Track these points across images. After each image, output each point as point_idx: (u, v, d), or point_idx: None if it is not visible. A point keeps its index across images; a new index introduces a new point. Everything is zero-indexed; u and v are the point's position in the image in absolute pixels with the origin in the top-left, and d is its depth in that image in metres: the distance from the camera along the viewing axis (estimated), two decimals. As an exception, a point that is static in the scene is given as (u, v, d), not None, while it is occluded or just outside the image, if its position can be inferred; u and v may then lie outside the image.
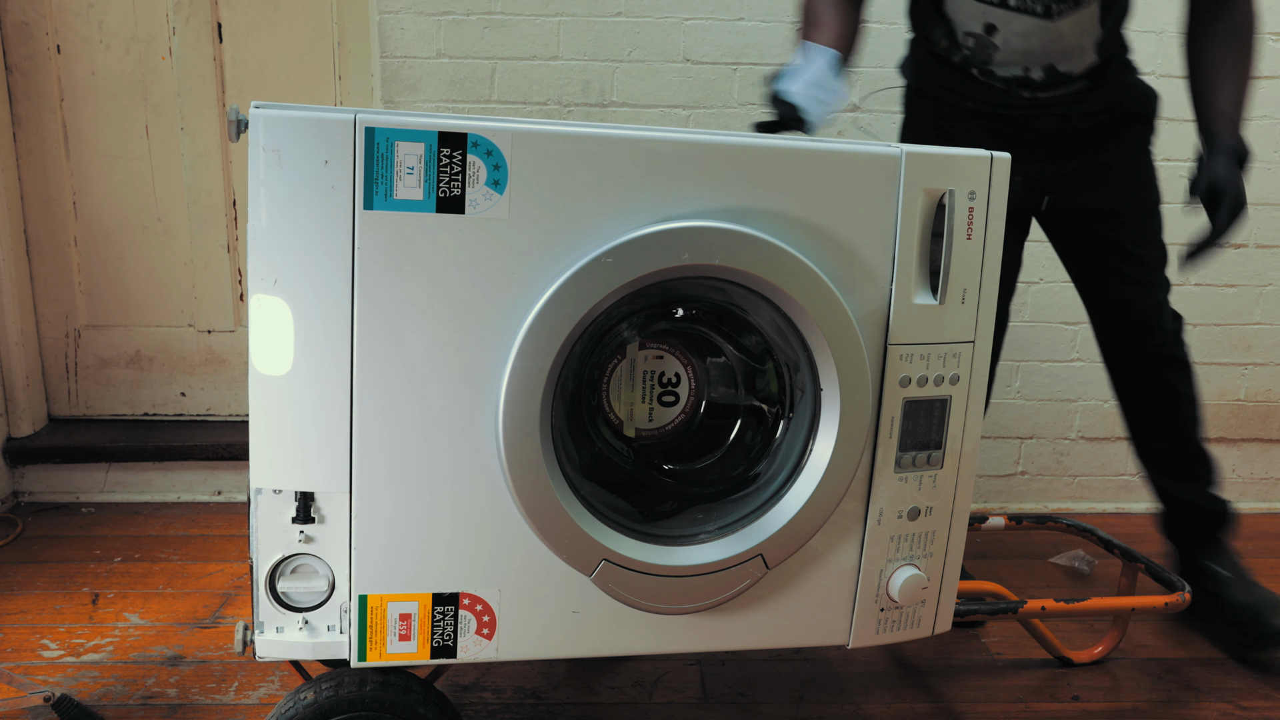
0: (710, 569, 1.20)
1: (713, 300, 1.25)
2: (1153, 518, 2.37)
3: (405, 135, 1.06)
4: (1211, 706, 1.62)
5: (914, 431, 1.24)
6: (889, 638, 1.30)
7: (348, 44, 2.29)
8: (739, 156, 1.13)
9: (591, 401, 1.28)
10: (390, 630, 1.17)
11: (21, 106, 2.29)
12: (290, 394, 1.10)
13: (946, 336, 1.22)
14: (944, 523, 1.29)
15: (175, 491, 2.35)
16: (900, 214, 1.17)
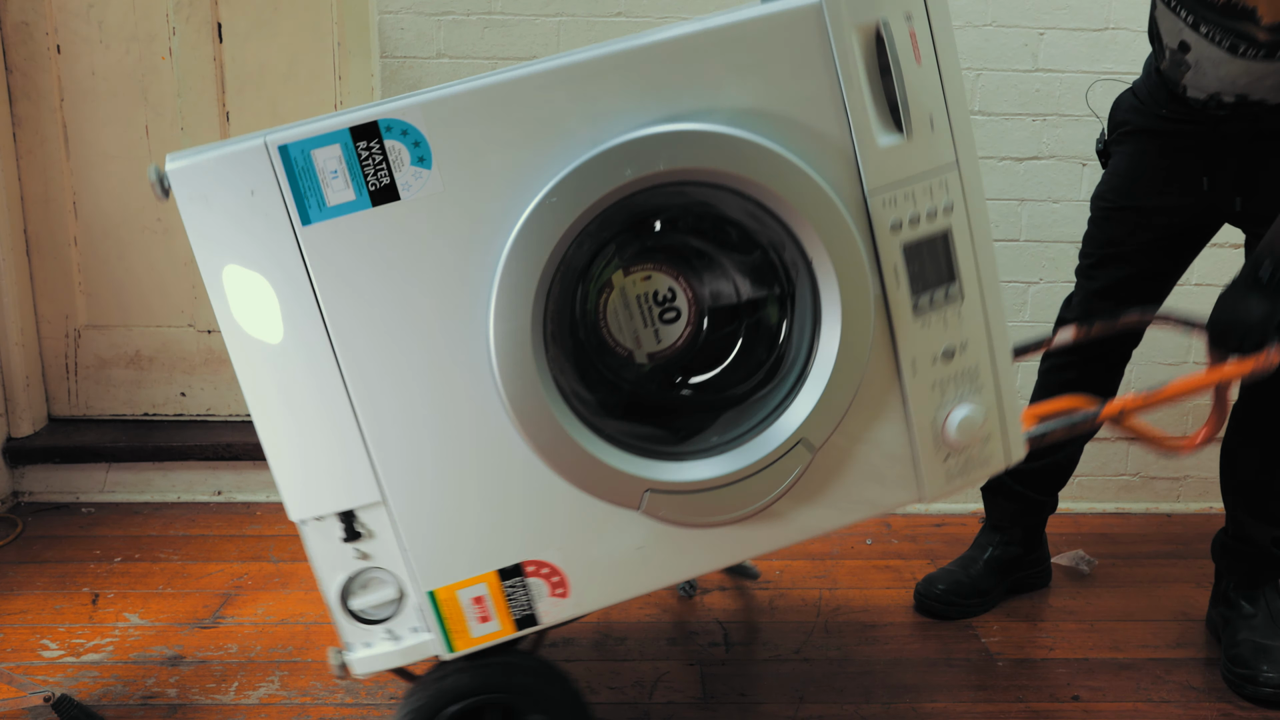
0: (756, 468, 1.18)
1: (680, 205, 1.23)
2: (1158, 518, 2.37)
3: (318, 141, 1.05)
4: (1211, 706, 1.62)
5: (922, 273, 1.19)
6: (963, 482, 1.26)
7: (348, 44, 2.29)
8: (655, 57, 1.10)
9: (593, 342, 1.26)
10: (468, 616, 1.19)
11: (21, 106, 2.29)
12: (294, 424, 1.12)
13: (925, 167, 1.17)
14: (983, 353, 1.23)
15: (175, 491, 2.35)
16: (837, 60, 1.12)
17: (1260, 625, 1.70)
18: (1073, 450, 1.89)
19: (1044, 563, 1.99)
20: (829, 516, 1.24)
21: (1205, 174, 1.65)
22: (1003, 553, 1.92)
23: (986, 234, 1.21)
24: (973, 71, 2.19)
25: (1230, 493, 1.76)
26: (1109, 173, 1.76)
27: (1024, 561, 1.94)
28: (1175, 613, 1.89)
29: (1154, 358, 2.33)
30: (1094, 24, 2.18)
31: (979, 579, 1.89)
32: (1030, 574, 1.96)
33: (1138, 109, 1.70)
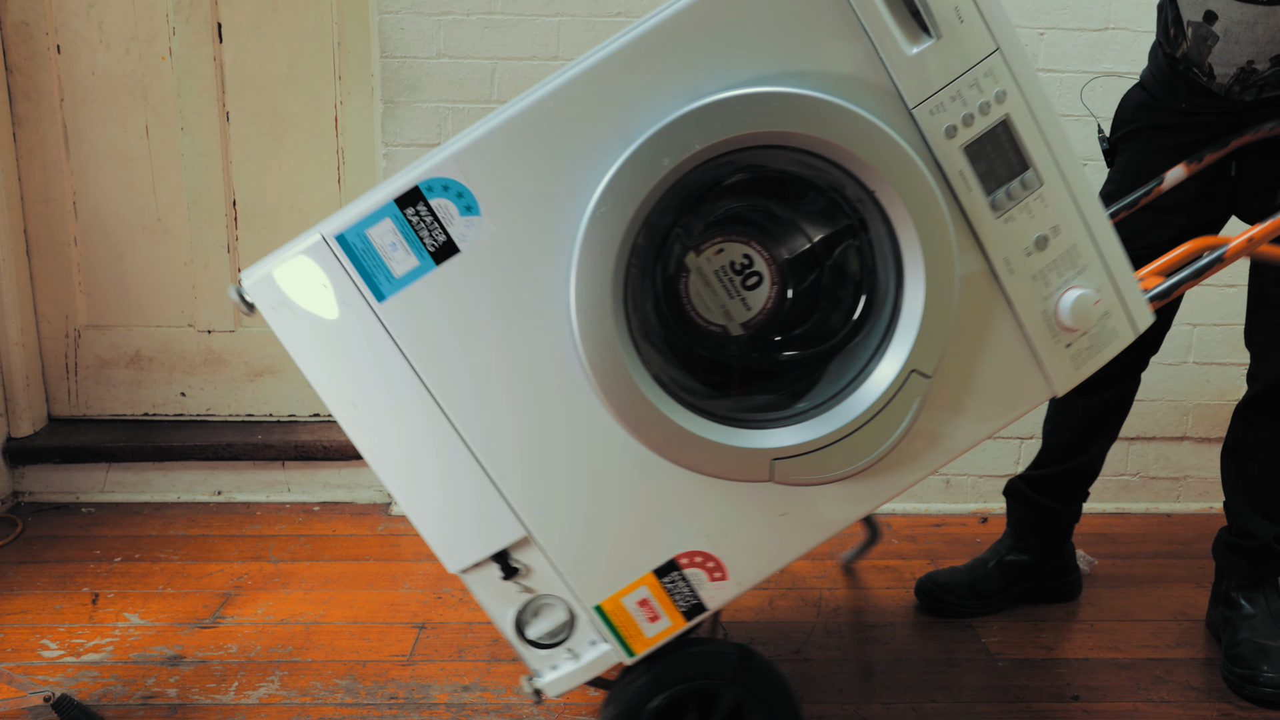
0: (875, 410, 1.16)
1: (729, 174, 1.22)
2: (1158, 518, 2.37)
3: (369, 221, 1.10)
4: (1212, 706, 1.62)
5: (992, 170, 1.15)
6: (1095, 362, 1.22)
7: (348, 44, 2.29)
8: (656, 46, 1.08)
9: (684, 328, 1.26)
10: (638, 619, 1.22)
11: (21, 106, 2.29)
12: (427, 486, 1.17)
13: (964, 63, 1.12)
14: (1078, 230, 1.18)
15: (175, 491, 2.35)
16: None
17: (1260, 625, 1.70)
18: (1092, 456, 1.84)
19: (1069, 574, 1.93)
20: (965, 433, 1.21)
21: (1233, 158, 1.60)
22: (1014, 559, 1.89)
23: (1049, 112, 1.15)
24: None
25: (1234, 490, 1.76)
26: (1117, 172, 1.71)
27: (1037, 570, 1.89)
28: (1175, 613, 1.89)
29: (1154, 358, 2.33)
30: (1094, 24, 2.18)
31: (982, 581, 1.88)
32: (1049, 585, 1.91)
33: (1148, 105, 1.66)
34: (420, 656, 1.72)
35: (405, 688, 1.62)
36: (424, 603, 1.89)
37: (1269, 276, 1.64)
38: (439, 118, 2.18)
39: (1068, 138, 1.16)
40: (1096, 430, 1.83)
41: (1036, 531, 1.88)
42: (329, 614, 1.85)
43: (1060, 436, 1.85)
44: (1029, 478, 1.89)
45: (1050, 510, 1.87)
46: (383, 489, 2.37)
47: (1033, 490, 1.87)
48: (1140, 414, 2.36)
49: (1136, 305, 1.22)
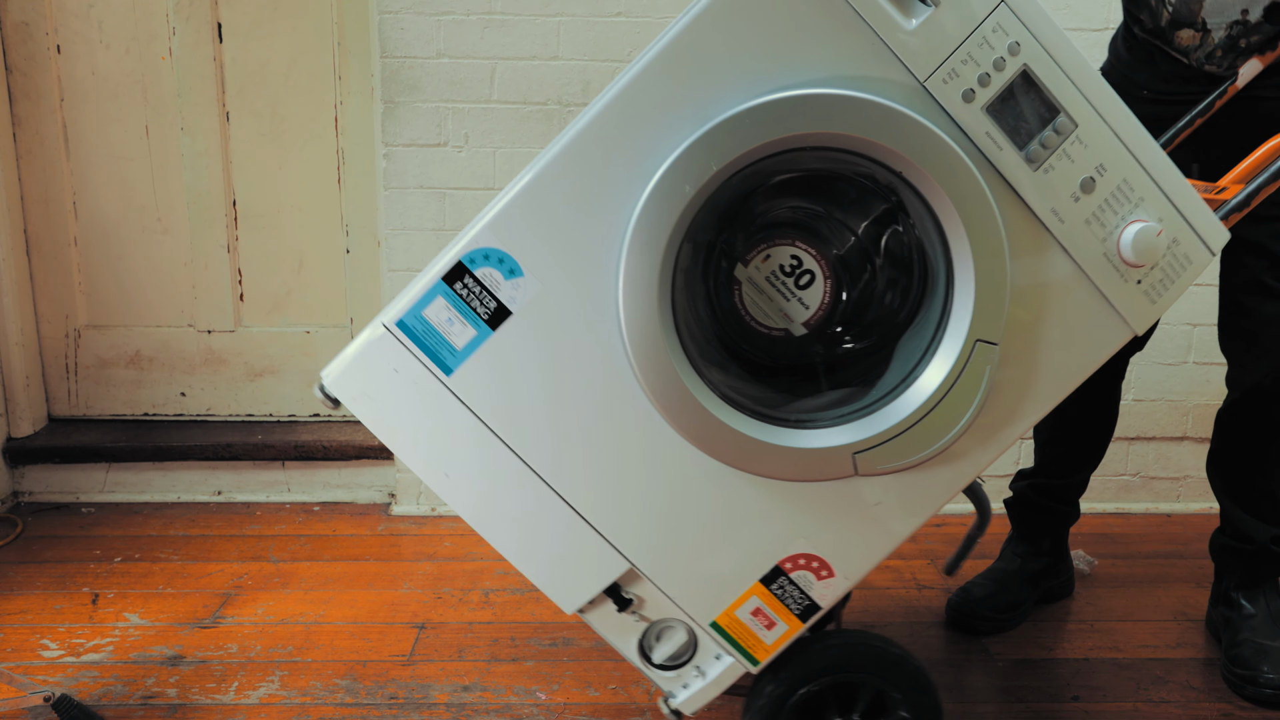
0: (947, 387, 1.15)
1: (757, 183, 1.23)
2: (1158, 518, 2.37)
3: (423, 303, 1.16)
4: (1211, 706, 1.61)
5: (1019, 125, 1.12)
6: (1171, 296, 1.18)
7: (348, 44, 2.29)
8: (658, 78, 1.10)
9: (746, 339, 1.28)
10: (756, 629, 1.25)
11: (21, 106, 2.29)
12: (529, 538, 1.22)
13: (970, 24, 1.10)
14: (1127, 163, 1.14)
15: (175, 491, 2.35)
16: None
17: (1260, 625, 1.70)
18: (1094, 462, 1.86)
19: (1069, 572, 1.96)
20: (1047, 391, 1.19)
21: (1194, 160, 1.59)
22: (1035, 565, 1.88)
23: (1071, 51, 1.12)
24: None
25: (1224, 495, 1.76)
26: None
27: (1054, 571, 1.91)
28: (1175, 613, 1.89)
29: (1154, 358, 2.33)
30: (1094, 24, 2.18)
31: (1015, 592, 1.84)
32: (1058, 584, 1.93)
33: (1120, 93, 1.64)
34: (420, 656, 1.72)
35: (405, 688, 1.62)
36: (424, 603, 1.89)
37: (1239, 281, 1.63)
38: (439, 118, 2.18)
39: (1096, 73, 1.13)
40: (1094, 438, 1.85)
41: (1049, 533, 1.89)
42: (329, 614, 1.85)
43: (1058, 448, 1.85)
44: (1037, 486, 1.88)
45: (1061, 513, 1.89)
46: (383, 489, 2.37)
47: (1041, 497, 1.87)
48: (1140, 414, 2.36)
49: (1207, 226, 1.17)
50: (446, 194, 2.22)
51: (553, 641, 1.76)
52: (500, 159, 2.21)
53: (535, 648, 1.75)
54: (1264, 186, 1.30)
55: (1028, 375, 1.19)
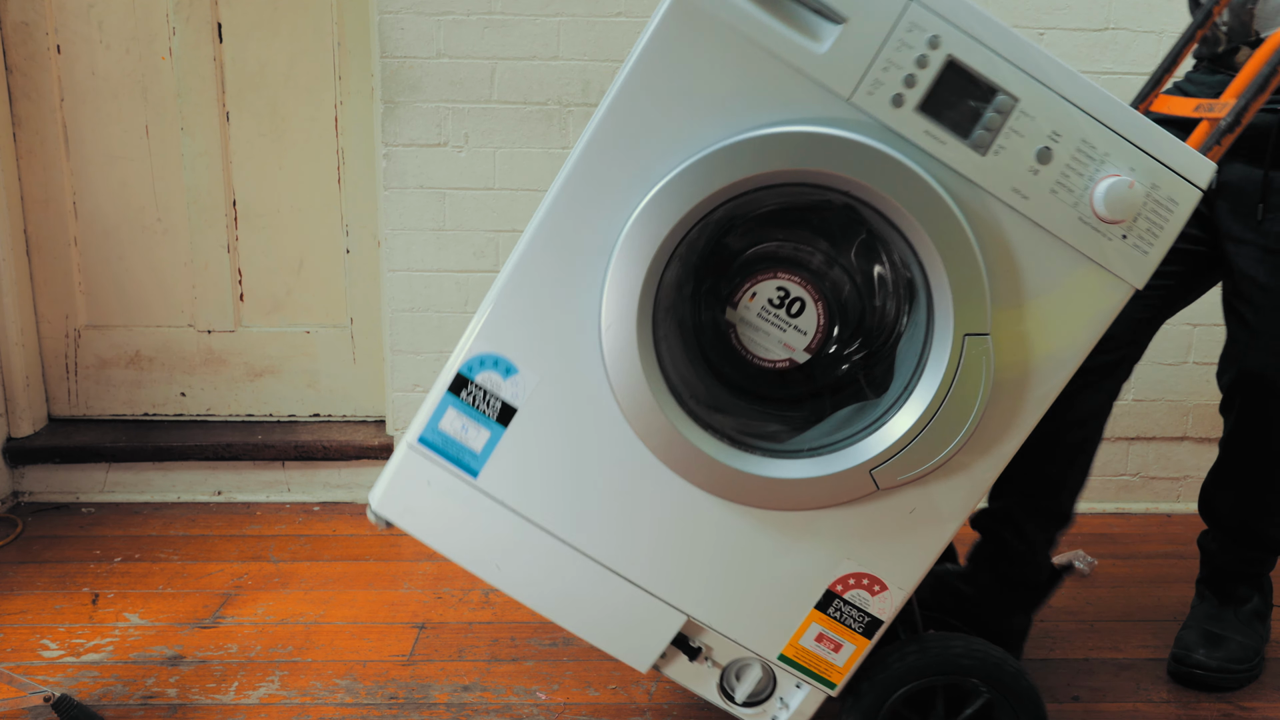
0: (947, 386, 1.14)
1: (727, 226, 1.24)
2: (1158, 518, 2.37)
3: (436, 417, 1.23)
4: (1211, 707, 1.62)
5: (959, 115, 1.10)
6: (1163, 242, 1.14)
7: (348, 44, 2.29)
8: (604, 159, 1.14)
9: (753, 378, 1.30)
10: (824, 654, 1.28)
11: (21, 106, 2.29)
12: (589, 608, 1.27)
13: (883, 30, 1.09)
14: (1081, 122, 1.11)
15: (175, 491, 2.35)
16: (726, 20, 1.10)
17: (1219, 617, 1.72)
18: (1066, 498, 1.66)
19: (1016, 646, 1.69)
20: (1058, 363, 1.17)
21: (1261, 200, 1.51)
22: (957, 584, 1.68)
23: (996, 28, 1.10)
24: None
25: (1208, 520, 1.77)
26: None
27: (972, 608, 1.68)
28: (1175, 613, 1.89)
29: (1154, 358, 2.33)
30: (1094, 24, 2.18)
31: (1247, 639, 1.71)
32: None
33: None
34: (420, 656, 1.72)
35: (405, 688, 1.63)
36: (424, 603, 1.89)
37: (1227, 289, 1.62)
38: (439, 118, 2.18)
39: (1027, 42, 1.11)
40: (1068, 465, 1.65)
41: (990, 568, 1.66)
42: (329, 614, 1.85)
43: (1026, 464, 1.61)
44: (992, 511, 1.68)
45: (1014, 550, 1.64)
46: (383, 489, 2.37)
47: (997, 524, 1.66)
48: (1140, 414, 2.36)
49: (1187, 163, 1.13)
50: (446, 194, 2.22)
51: (553, 641, 1.76)
52: (500, 159, 2.21)
53: (535, 648, 1.75)
54: (1252, 99, 1.26)
55: (1031, 355, 1.18)
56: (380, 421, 2.46)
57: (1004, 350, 1.16)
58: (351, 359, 2.45)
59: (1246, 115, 1.29)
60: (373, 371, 2.46)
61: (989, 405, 1.17)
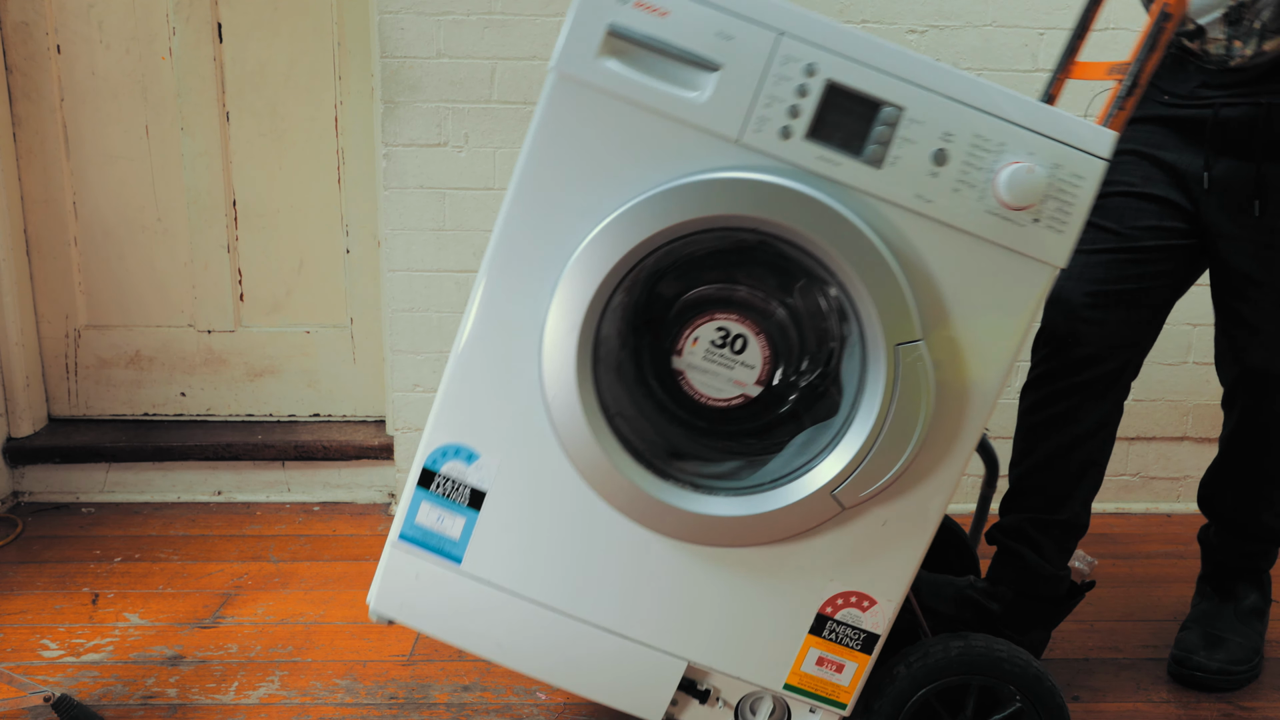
0: (889, 398, 1.15)
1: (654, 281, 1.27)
2: (1158, 518, 2.37)
3: (412, 512, 1.26)
4: (1211, 707, 1.62)
5: (848, 135, 1.11)
6: (1077, 218, 1.14)
7: (348, 44, 2.29)
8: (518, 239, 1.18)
9: (716, 422, 1.32)
10: (828, 676, 1.29)
11: (21, 106, 2.29)
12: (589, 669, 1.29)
13: (758, 69, 1.11)
14: (971, 118, 1.12)
15: (175, 491, 2.35)
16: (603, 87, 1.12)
17: (1218, 615, 1.73)
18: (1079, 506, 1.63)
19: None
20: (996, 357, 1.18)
21: (1256, 196, 1.49)
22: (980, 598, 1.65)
23: (869, 44, 1.11)
24: (973, 71, 2.19)
25: (1209, 514, 1.77)
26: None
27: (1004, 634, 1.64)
28: (1175, 612, 1.89)
29: (1154, 358, 2.33)
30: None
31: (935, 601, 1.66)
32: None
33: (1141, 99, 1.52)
34: (420, 656, 1.72)
35: (405, 688, 1.63)
36: (424, 603, 1.89)
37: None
38: (439, 118, 2.18)
39: (904, 51, 1.12)
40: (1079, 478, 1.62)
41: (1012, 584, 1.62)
42: (329, 614, 1.85)
43: (1035, 478, 1.63)
44: (1004, 526, 1.65)
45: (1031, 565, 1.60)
46: (383, 489, 2.37)
47: (1011, 539, 1.63)
48: (1140, 414, 2.36)
49: (1086, 137, 1.14)
50: (446, 194, 2.22)
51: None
52: (500, 159, 2.21)
53: (535, 648, 1.75)
54: (1146, 59, 1.26)
55: (970, 348, 1.18)
56: (380, 421, 2.46)
57: (940, 350, 1.17)
58: (351, 359, 2.45)
59: (1143, 76, 1.28)
60: (373, 371, 2.46)
61: (937, 407, 1.18)
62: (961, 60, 2.18)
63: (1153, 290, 1.56)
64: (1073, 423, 1.58)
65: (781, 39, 1.11)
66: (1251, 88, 1.47)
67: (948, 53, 2.18)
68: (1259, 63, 1.46)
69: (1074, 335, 1.55)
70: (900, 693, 1.31)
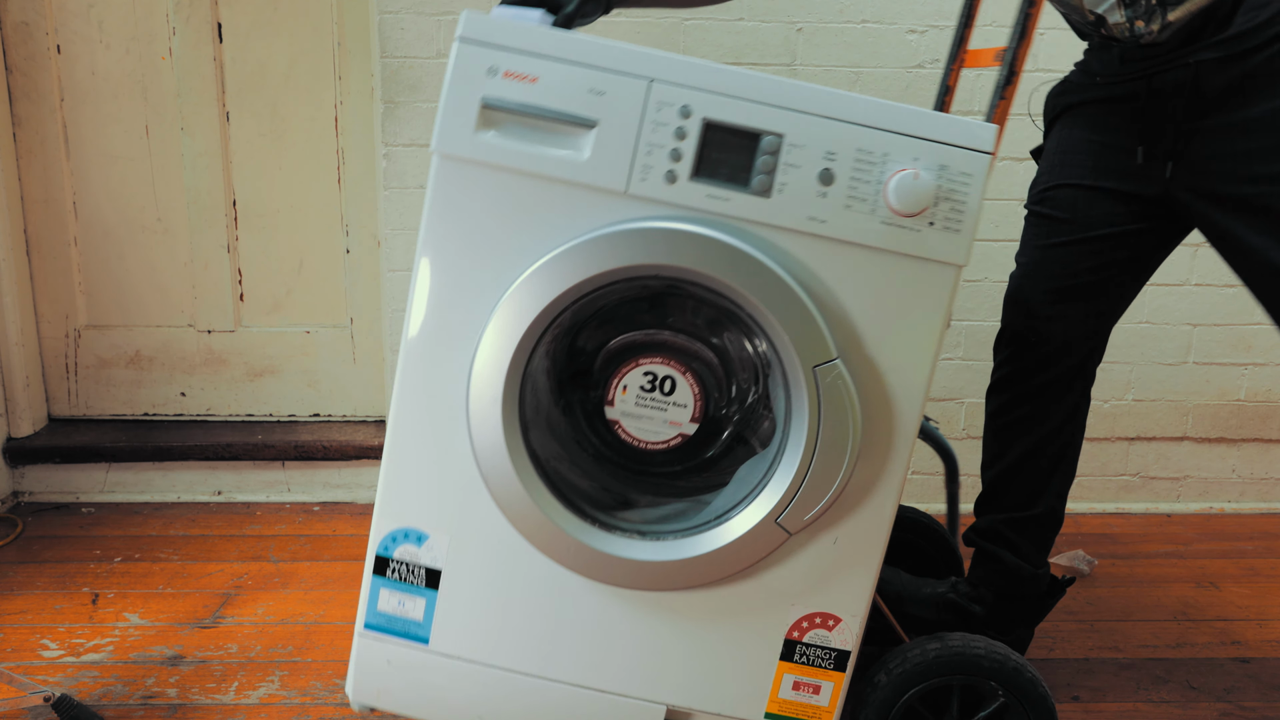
0: (816, 418, 1.16)
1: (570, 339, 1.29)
2: (1158, 518, 2.37)
3: (373, 600, 1.28)
4: (1211, 706, 1.62)
5: (732, 170, 1.12)
6: (972, 215, 1.15)
7: (348, 44, 2.29)
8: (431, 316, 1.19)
9: (660, 468, 1.34)
10: (806, 699, 1.29)
11: (21, 106, 2.29)
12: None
13: (634, 120, 1.13)
14: (850, 133, 1.13)
15: (175, 491, 2.35)
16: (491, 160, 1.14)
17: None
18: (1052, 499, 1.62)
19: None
20: (917, 361, 1.18)
21: (1141, 143, 1.45)
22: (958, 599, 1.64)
23: (738, 77, 1.12)
24: (972, 71, 2.19)
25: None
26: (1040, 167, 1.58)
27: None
28: (1175, 613, 1.89)
29: (1154, 358, 2.33)
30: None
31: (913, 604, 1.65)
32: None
33: (1076, 86, 1.53)
34: (420, 656, 1.72)
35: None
36: (424, 603, 1.89)
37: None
38: (439, 118, 2.18)
39: (776, 79, 1.13)
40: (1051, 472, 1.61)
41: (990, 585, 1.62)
42: (329, 614, 1.85)
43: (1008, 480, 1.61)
44: (981, 529, 1.64)
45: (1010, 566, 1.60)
46: (383, 489, 2.37)
47: (989, 542, 1.62)
48: (1140, 414, 2.36)
49: (967, 134, 1.14)
50: (446, 194, 2.22)
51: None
52: (500, 159, 2.21)
53: (535, 648, 1.75)
54: (1017, 47, 1.25)
55: (890, 358, 1.18)
56: (380, 421, 2.46)
57: (859, 364, 1.18)
58: (351, 359, 2.45)
59: (1018, 64, 1.27)
60: (373, 371, 2.46)
61: (866, 419, 1.19)
62: (961, 60, 2.18)
63: (1112, 280, 1.53)
64: (1041, 422, 1.56)
65: (653, 85, 1.12)
66: (1178, 52, 1.40)
67: (947, 53, 2.18)
68: (1170, 34, 1.40)
69: (1035, 333, 1.53)
70: (884, 701, 1.31)
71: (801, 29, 2.17)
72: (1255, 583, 2.03)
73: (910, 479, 2.37)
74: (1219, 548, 2.20)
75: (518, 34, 1.13)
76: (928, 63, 2.18)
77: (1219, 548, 2.20)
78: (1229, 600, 1.95)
